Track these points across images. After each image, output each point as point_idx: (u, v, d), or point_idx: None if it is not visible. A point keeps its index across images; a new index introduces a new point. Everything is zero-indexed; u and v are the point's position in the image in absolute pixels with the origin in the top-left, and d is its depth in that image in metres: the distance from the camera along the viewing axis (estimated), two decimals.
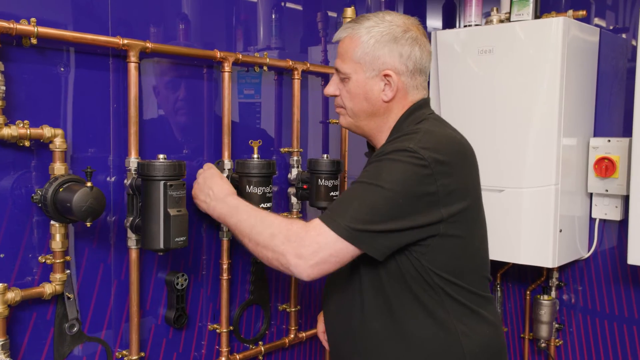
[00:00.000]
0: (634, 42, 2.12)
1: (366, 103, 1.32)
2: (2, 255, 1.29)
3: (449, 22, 2.59)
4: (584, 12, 2.00)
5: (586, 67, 2.06)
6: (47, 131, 1.29)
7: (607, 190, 2.04)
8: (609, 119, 2.16)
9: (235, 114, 1.73)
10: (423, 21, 2.51)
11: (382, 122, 1.34)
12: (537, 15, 2.05)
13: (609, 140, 2.03)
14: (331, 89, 1.38)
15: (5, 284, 1.25)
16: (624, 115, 2.13)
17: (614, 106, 2.16)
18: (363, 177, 1.20)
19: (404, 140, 1.20)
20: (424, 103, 1.34)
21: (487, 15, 2.20)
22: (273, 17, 1.92)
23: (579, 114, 2.06)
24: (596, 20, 2.23)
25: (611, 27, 2.20)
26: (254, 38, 1.85)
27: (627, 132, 2.04)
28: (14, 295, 1.26)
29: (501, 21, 2.11)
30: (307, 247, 1.15)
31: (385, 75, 1.28)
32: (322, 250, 1.15)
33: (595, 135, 2.14)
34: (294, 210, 1.89)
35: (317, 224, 1.17)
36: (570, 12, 2.01)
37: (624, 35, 2.17)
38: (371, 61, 1.28)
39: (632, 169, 1.81)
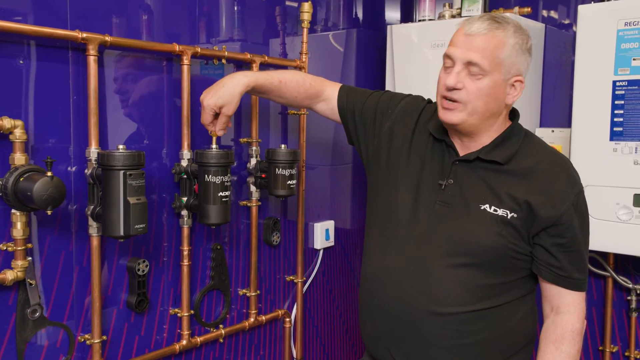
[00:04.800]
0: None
1: (494, 104, 1.35)
2: None
3: (407, 16, 2.67)
4: (529, 9, 2.11)
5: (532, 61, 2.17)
6: (6, 122, 1.33)
7: None
8: (554, 110, 2.28)
9: (195, 105, 1.78)
10: (381, 14, 2.59)
11: (492, 123, 1.39)
12: (486, 11, 2.15)
13: (553, 131, 2.15)
14: (454, 81, 1.33)
15: None
16: (568, 107, 2.26)
17: (558, 99, 2.28)
18: (579, 235, 1.38)
19: (573, 175, 1.40)
20: (517, 110, 1.46)
21: (440, 11, 2.29)
22: (235, 8, 1.96)
23: (526, 106, 2.17)
24: (542, 15, 2.35)
25: (556, 23, 2.32)
26: (216, 30, 1.90)
27: (570, 123, 2.16)
28: None
29: (453, 16, 2.21)
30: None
31: (517, 81, 1.35)
32: None
33: (541, 126, 2.26)
34: (253, 198, 1.96)
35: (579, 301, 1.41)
36: (517, 8, 2.12)
37: (574, 29, 2.28)
38: (510, 65, 1.32)
39: (571, 157, 1.93)
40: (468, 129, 1.39)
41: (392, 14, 2.63)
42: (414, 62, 2.22)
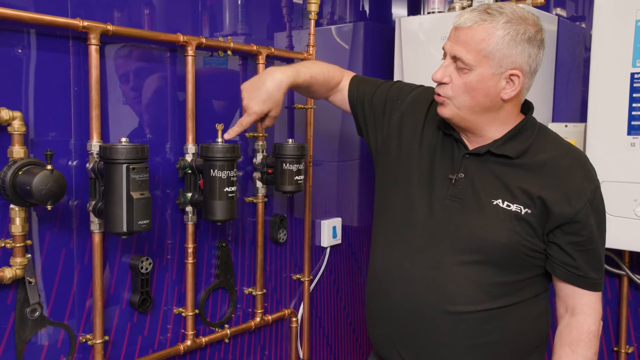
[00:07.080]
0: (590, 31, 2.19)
1: (484, 99, 1.28)
2: None
3: (414, 9, 2.62)
4: (542, 1, 2.05)
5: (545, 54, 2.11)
6: (4, 114, 1.27)
7: None
8: (567, 105, 2.23)
9: (200, 98, 1.72)
10: (388, 7, 2.54)
11: (492, 118, 1.32)
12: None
13: (566, 126, 2.09)
14: (440, 75, 1.30)
15: None
16: (581, 102, 2.20)
17: (571, 93, 2.23)
18: (596, 233, 1.32)
19: (589, 170, 1.35)
20: (531, 103, 1.39)
21: (450, 2, 2.24)
22: (239, 1, 1.91)
23: (538, 100, 2.10)
24: (555, 9, 2.29)
25: (569, 16, 2.26)
26: (220, 23, 1.85)
27: (583, 117, 2.11)
28: None
29: (463, 8, 2.15)
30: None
31: (512, 75, 1.26)
32: None
33: (554, 120, 2.20)
34: (260, 194, 1.90)
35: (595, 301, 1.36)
36: (529, 0, 2.06)
37: (583, 25, 2.24)
38: (501, 58, 1.24)
39: (586, 152, 1.87)
40: (463, 123, 1.34)
41: (399, 7, 2.58)
42: (423, 55, 2.16)
